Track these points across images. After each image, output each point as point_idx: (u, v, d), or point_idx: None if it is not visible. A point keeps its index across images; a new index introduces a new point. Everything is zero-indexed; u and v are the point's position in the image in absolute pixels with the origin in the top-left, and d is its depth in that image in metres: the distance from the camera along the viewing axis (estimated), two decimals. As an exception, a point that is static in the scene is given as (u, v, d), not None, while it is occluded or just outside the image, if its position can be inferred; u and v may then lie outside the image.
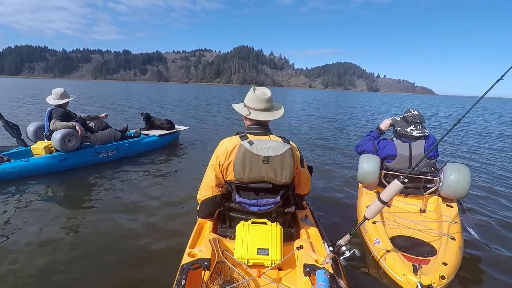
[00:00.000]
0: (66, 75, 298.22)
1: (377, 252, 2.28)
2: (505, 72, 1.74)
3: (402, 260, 2.11)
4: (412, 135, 2.89)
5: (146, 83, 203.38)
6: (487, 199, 4.02)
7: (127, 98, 23.90)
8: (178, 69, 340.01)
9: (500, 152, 7.54)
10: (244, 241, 1.63)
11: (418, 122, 2.91)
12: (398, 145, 2.94)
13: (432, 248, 2.32)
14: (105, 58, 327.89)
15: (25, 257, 2.37)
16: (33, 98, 18.80)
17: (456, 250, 2.26)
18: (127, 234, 2.78)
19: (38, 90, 30.00)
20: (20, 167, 4.03)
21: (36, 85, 46.07)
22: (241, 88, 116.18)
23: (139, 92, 34.70)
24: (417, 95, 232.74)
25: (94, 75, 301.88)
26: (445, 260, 2.11)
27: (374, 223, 2.55)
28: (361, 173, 3.01)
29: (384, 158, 3.02)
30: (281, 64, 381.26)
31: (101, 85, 67.53)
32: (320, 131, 9.89)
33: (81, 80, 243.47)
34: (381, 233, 2.42)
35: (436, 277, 1.94)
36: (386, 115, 18.69)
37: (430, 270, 2.02)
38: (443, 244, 2.29)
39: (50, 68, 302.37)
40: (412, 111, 2.99)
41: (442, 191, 2.78)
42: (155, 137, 5.93)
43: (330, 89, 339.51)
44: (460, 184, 2.65)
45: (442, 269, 2.02)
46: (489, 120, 17.21)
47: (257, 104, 1.87)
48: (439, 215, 2.70)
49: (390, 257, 2.16)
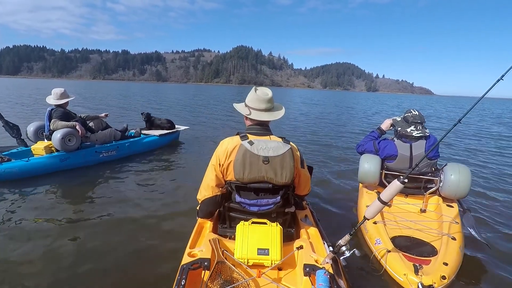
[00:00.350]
0: (65, 75, 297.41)
1: (378, 252, 2.29)
2: (505, 72, 1.74)
3: (403, 260, 2.12)
4: (413, 136, 2.89)
5: (145, 83, 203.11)
6: (487, 198, 4.03)
7: (126, 98, 23.87)
8: (177, 69, 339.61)
9: (499, 151, 7.57)
10: (244, 241, 1.63)
11: (418, 123, 2.91)
12: (399, 145, 2.94)
13: (432, 248, 2.32)
14: (103, 58, 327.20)
15: (26, 257, 2.36)
16: (25, 98, 18.73)
17: (457, 250, 2.26)
18: (127, 234, 2.79)
19: (35, 90, 29.91)
20: (20, 167, 4.02)
21: (33, 85, 45.95)
22: (240, 88, 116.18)
23: (138, 92, 34.63)
24: (415, 95, 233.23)
25: (92, 75, 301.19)
26: (446, 260, 2.11)
27: (375, 223, 2.56)
28: (361, 173, 3.01)
29: (385, 158, 3.02)
30: (280, 64, 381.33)
31: (99, 85, 67.43)
32: (320, 131, 9.90)
33: (79, 80, 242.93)
34: (382, 233, 2.42)
35: (437, 277, 1.95)
36: (383, 114, 18.75)
37: (431, 270, 2.02)
38: (444, 244, 2.29)
39: (48, 68, 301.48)
40: (412, 111, 2.99)
41: (443, 191, 2.78)
42: (155, 137, 5.93)
43: (329, 89, 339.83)
44: (460, 184, 2.65)
45: (443, 269, 2.02)
46: (488, 120, 17.25)
47: (258, 104, 1.87)
48: (440, 215, 2.70)
49: (391, 257, 2.17)
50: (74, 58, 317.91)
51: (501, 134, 11.08)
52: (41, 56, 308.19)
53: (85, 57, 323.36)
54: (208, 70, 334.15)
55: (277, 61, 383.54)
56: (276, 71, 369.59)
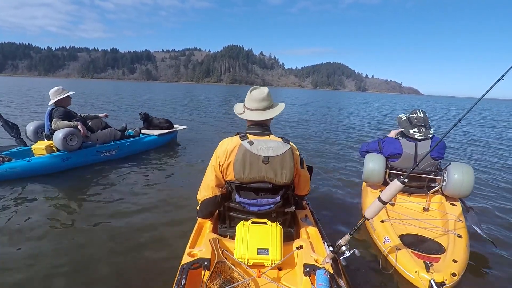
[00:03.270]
0: (52, 74, 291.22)
1: (388, 251, 2.30)
2: (505, 72, 1.74)
3: (413, 258, 2.13)
4: (415, 138, 2.91)
5: (135, 82, 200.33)
6: (488, 197, 4.10)
7: (119, 97, 23.41)
8: (167, 68, 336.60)
9: (499, 150, 7.74)
10: (244, 241, 1.63)
11: (421, 125, 2.91)
12: (404, 144, 2.95)
13: (440, 245, 2.34)
14: (92, 57, 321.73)
15: (27, 258, 2.35)
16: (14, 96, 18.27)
17: (464, 247, 2.28)
18: (128, 233, 2.78)
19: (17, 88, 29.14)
20: (22, 167, 3.99)
21: (19, 83, 44.75)
22: (231, 87, 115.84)
23: (129, 91, 34.11)
24: (404, 95, 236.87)
25: (81, 73, 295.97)
26: (455, 257, 2.13)
27: (382, 222, 2.57)
28: (366, 172, 3.02)
29: (389, 156, 3.03)
30: (271, 63, 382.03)
31: (88, 84, 66.19)
32: (319, 131, 9.91)
33: (67, 78, 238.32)
34: (390, 232, 2.44)
35: (447, 274, 1.97)
36: (376, 112, 18.95)
37: (441, 267, 2.05)
38: (451, 242, 2.31)
39: (34, 66, 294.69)
40: (417, 113, 2.98)
41: (446, 190, 2.81)
42: (155, 136, 5.95)
43: (319, 88, 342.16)
44: (464, 183, 2.69)
45: (453, 266, 2.05)
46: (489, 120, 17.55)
47: (251, 104, 1.86)
48: (444, 214, 2.74)
49: (401, 255, 2.17)
50: (61, 56, 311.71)
51: (500, 135, 11.12)
52: (27, 54, 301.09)
53: (73, 55, 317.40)
54: (199, 70, 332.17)
55: (268, 60, 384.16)
56: (267, 70, 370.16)
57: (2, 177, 3.84)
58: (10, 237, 2.64)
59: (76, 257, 2.39)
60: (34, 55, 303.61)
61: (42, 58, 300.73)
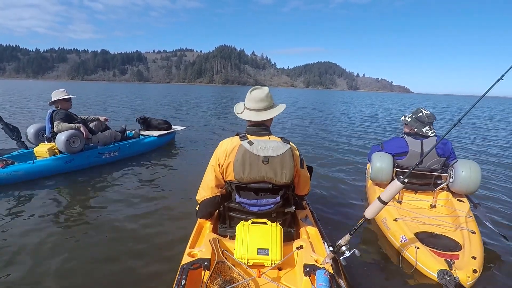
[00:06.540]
0: (41, 76, 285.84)
1: (406, 250, 2.29)
2: (505, 72, 1.74)
3: (433, 256, 2.12)
4: (428, 135, 2.94)
5: (127, 83, 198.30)
6: (495, 191, 4.16)
7: (113, 99, 23.04)
8: (159, 69, 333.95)
9: (500, 148, 7.82)
10: (244, 241, 1.63)
11: (431, 122, 2.96)
12: (409, 142, 2.97)
13: (456, 243, 2.33)
14: (82, 58, 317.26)
15: (29, 258, 2.36)
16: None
17: (480, 243, 2.29)
18: (129, 234, 2.79)
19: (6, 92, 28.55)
20: (26, 170, 3.99)
21: (8, 87, 43.86)
22: (224, 88, 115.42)
23: (121, 94, 33.62)
24: (395, 93, 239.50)
25: (70, 75, 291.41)
26: (473, 254, 2.13)
27: (395, 220, 2.57)
28: (374, 172, 3.02)
29: (395, 155, 3.05)
30: (263, 63, 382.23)
31: (79, 86, 65.25)
32: (318, 131, 9.86)
33: (56, 80, 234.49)
34: (405, 230, 2.43)
35: (469, 271, 1.97)
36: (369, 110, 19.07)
37: (462, 264, 2.04)
38: (466, 239, 2.31)
39: (22, 68, 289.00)
40: (424, 111, 3.01)
41: (454, 187, 2.83)
42: (154, 137, 5.96)
43: (311, 88, 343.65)
44: (471, 180, 2.71)
45: (473, 263, 2.05)
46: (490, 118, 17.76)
47: (251, 104, 1.86)
48: (453, 210, 2.74)
49: (420, 253, 2.16)
50: (50, 58, 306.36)
51: (501, 134, 11.15)
52: (14, 56, 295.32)
53: (62, 56, 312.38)
54: (191, 70, 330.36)
55: (260, 60, 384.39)
56: (259, 70, 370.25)
57: (6, 180, 3.83)
58: (12, 239, 2.63)
59: (76, 257, 2.40)
60: (22, 57, 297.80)
61: (30, 60, 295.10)
